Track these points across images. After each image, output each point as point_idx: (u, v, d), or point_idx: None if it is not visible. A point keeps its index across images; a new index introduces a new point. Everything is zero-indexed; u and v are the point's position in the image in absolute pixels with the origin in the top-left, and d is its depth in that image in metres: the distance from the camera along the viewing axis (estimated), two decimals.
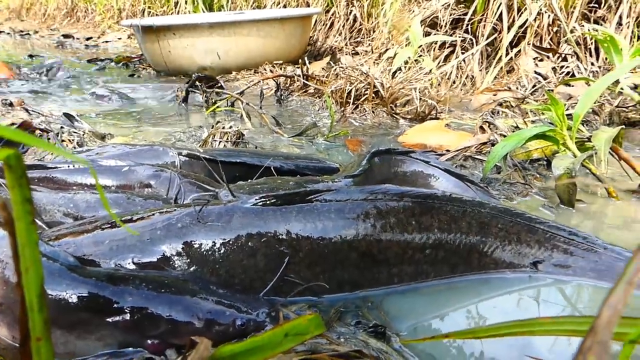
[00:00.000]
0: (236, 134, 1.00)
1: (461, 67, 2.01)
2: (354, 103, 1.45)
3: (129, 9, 4.27)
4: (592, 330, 0.22)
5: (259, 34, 2.15)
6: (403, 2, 2.38)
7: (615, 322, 0.22)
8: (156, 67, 2.39)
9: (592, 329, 0.22)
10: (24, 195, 0.21)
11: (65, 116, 1.14)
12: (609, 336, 0.22)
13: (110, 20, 4.54)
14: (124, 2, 4.46)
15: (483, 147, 1.03)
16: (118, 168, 0.73)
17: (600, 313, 0.22)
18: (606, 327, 0.22)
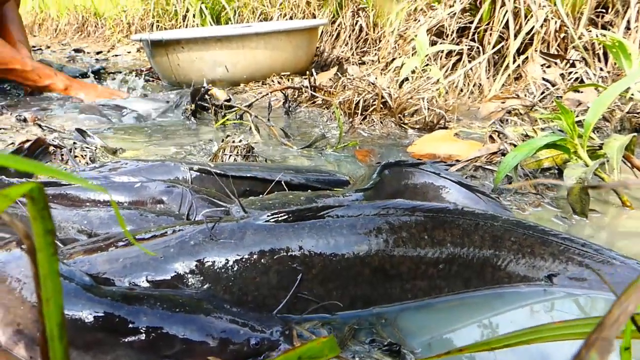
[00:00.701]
0: (246, 147, 1.00)
1: (468, 75, 2.01)
2: (362, 114, 1.45)
3: (138, 23, 4.32)
4: (599, 326, 0.23)
5: (266, 46, 2.17)
6: (408, 12, 2.39)
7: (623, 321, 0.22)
8: (165, 80, 2.41)
9: (599, 325, 0.23)
10: (46, 227, 0.22)
11: (77, 132, 1.15)
12: (615, 334, 0.22)
13: (119, 34, 4.59)
14: (133, 16, 4.51)
15: (493, 156, 1.03)
16: (131, 184, 0.74)
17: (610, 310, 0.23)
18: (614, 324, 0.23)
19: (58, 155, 0.97)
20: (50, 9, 5.68)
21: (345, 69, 2.09)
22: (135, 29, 4.38)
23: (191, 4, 3.64)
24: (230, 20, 3.61)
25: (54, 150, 0.98)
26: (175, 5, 3.74)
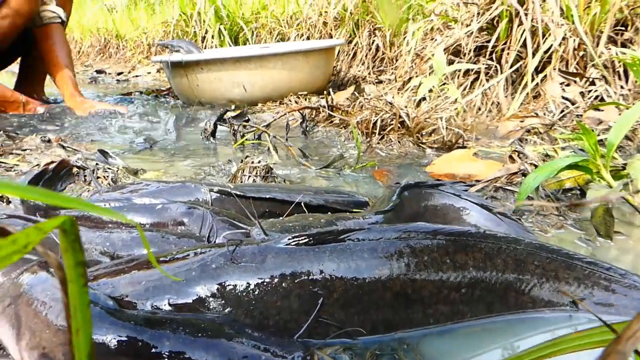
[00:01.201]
0: (265, 168, 1.01)
1: (486, 94, 2.01)
2: (380, 133, 1.45)
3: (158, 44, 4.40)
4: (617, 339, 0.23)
5: (284, 66, 2.19)
6: (425, 31, 2.40)
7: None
8: (185, 100, 2.44)
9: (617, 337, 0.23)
10: (77, 259, 0.22)
11: (100, 152, 1.18)
12: (631, 348, 0.22)
13: (140, 55, 4.69)
14: (153, 37, 4.61)
15: (513, 177, 1.02)
16: (152, 206, 0.74)
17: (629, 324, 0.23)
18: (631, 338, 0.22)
19: (81, 176, 0.99)
20: (74, 32, 5.84)
21: (363, 88, 2.10)
22: (155, 50, 4.47)
23: (210, 26, 3.71)
24: (248, 41, 3.67)
25: (77, 171, 1.00)
26: (195, 27, 3.81)
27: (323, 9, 3.10)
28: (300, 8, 3.34)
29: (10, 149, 1.30)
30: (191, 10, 3.93)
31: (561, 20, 1.86)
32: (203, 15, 3.72)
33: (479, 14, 2.08)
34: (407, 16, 2.76)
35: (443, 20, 2.30)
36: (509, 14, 1.94)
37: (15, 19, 1.87)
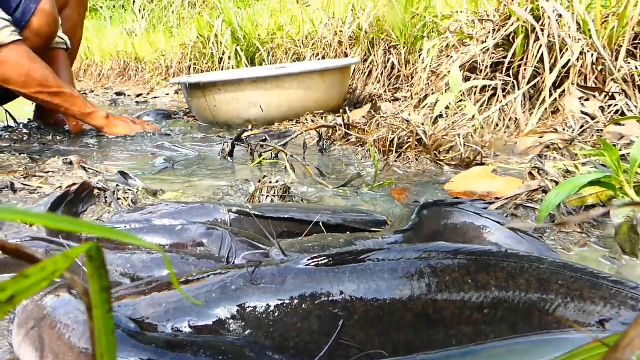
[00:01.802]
0: (282, 187, 1.01)
1: (504, 110, 1.99)
2: (397, 151, 1.45)
3: (176, 66, 4.49)
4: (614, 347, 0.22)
5: (300, 86, 2.21)
6: (440, 49, 2.41)
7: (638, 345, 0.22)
8: (202, 121, 2.48)
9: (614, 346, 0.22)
10: (102, 285, 0.22)
11: (120, 174, 1.19)
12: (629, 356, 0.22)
13: (158, 77, 4.78)
14: (171, 60, 4.70)
15: (534, 194, 1.01)
16: (171, 227, 0.75)
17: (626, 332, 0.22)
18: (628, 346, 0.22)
19: (102, 198, 1.00)
20: (95, 55, 5.99)
21: (379, 106, 2.11)
22: (173, 72, 4.55)
23: (227, 47, 3.77)
24: (264, 61, 3.72)
25: (98, 193, 1.01)
26: (212, 49, 3.88)
27: (338, 28, 3.13)
28: (316, 28, 3.38)
29: (34, 172, 1.33)
30: (208, 32, 4.00)
31: (578, 35, 1.85)
32: (220, 37, 3.79)
33: (495, 30, 2.08)
34: (422, 34, 2.78)
35: (458, 38, 2.30)
36: (524, 30, 1.94)
37: (36, 41, 1.93)
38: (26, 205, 0.96)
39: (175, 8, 6.79)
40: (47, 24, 1.93)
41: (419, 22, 2.73)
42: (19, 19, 1.86)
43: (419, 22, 2.73)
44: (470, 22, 2.36)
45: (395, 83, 2.83)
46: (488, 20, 2.14)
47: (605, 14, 1.88)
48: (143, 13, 7.10)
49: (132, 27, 6.92)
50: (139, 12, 7.03)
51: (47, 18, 1.92)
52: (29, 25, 1.88)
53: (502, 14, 2.11)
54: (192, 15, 6.44)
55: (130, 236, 0.25)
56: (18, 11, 1.86)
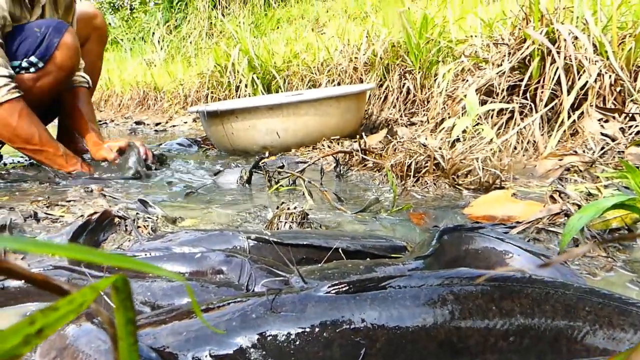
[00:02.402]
0: (301, 214, 1.01)
1: (521, 132, 1.98)
2: (415, 176, 1.45)
3: (194, 94, 4.57)
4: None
5: (316, 112, 2.23)
6: (456, 73, 2.42)
7: None
8: (220, 148, 2.51)
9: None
10: (128, 317, 0.22)
11: (140, 202, 1.21)
12: None
13: (177, 106, 4.87)
14: (189, 89, 4.79)
15: (556, 218, 0.99)
16: (191, 255, 0.75)
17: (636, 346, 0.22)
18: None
19: (122, 226, 1.01)
20: (115, 86, 6.14)
21: (395, 131, 2.11)
22: (191, 101, 4.63)
23: (244, 75, 3.83)
24: (280, 89, 3.77)
25: (118, 221, 1.02)
26: (229, 77, 3.95)
27: (353, 55, 3.17)
28: (331, 55, 3.42)
29: (56, 200, 1.35)
30: (225, 61, 4.08)
31: (595, 56, 1.84)
32: (237, 65, 3.86)
33: (510, 53, 2.08)
34: (437, 58, 2.79)
35: (474, 62, 2.31)
36: (540, 53, 1.94)
37: (59, 74, 1.99)
38: (49, 234, 0.97)
39: (193, 38, 6.96)
40: (69, 57, 1.99)
41: (434, 47, 2.75)
42: (43, 53, 1.92)
43: (434, 47, 2.75)
44: (485, 45, 2.37)
45: (411, 107, 2.84)
46: (503, 43, 2.14)
47: (621, 36, 1.87)
48: (162, 44, 7.28)
49: (152, 58, 7.09)
50: (158, 43, 7.22)
51: (69, 51, 1.98)
52: (53, 58, 1.94)
53: (517, 37, 2.12)
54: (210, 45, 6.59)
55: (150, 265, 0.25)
56: (42, 45, 1.92)
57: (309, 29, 5.89)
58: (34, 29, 1.93)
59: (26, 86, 1.94)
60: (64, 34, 1.95)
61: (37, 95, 1.99)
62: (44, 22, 1.98)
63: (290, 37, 5.70)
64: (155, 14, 7.91)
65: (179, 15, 7.48)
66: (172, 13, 7.63)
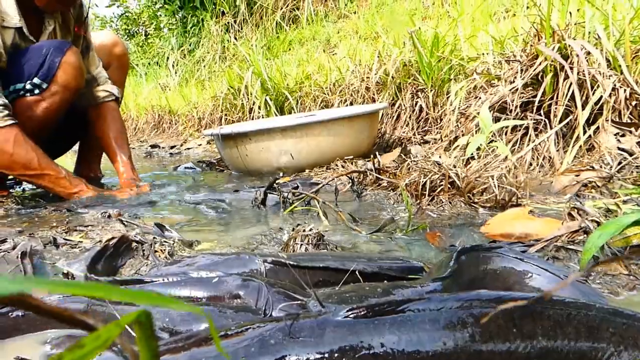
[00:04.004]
0: (316, 236, 1.01)
1: (537, 148, 1.97)
2: (430, 195, 1.44)
3: (207, 117, 4.63)
4: None
5: (329, 132, 2.24)
6: (468, 90, 2.42)
7: None
8: (234, 170, 2.52)
9: None
10: (152, 351, 0.22)
11: (156, 226, 1.22)
12: None
13: (191, 129, 4.93)
14: (203, 111, 4.85)
15: (575, 235, 0.98)
16: (208, 280, 0.76)
17: None
18: None
19: (140, 251, 1.02)
20: (131, 110, 6.24)
21: (409, 150, 2.11)
22: (205, 123, 4.69)
23: (257, 97, 3.88)
24: (293, 109, 3.80)
25: (136, 245, 1.03)
26: (242, 100, 3.99)
27: (365, 75, 3.19)
28: (343, 75, 3.45)
29: (74, 225, 1.36)
30: (239, 84, 4.13)
31: (609, 71, 1.83)
32: (250, 88, 3.91)
33: (522, 70, 2.08)
34: (449, 76, 2.80)
35: (486, 79, 2.31)
36: (553, 69, 1.94)
37: (64, 94, 1.99)
38: (68, 259, 0.99)
39: (207, 62, 7.07)
40: (73, 76, 1.96)
41: (446, 65, 2.76)
42: (46, 74, 1.92)
43: (446, 65, 2.76)
44: (497, 62, 2.38)
45: (424, 126, 2.84)
46: (515, 60, 2.15)
47: (634, 50, 1.87)
48: (176, 68, 7.41)
49: (166, 82, 7.21)
50: (172, 67, 7.35)
51: (72, 70, 1.96)
52: (55, 79, 1.93)
53: (528, 54, 2.12)
54: (223, 68, 6.68)
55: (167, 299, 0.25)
56: (44, 66, 1.91)
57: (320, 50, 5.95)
58: (37, 51, 1.93)
59: (32, 108, 1.95)
60: (66, 53, 1.94)
61: (44, 116, 1.99)
62: (47, 42, 1.97)
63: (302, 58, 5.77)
64: (169, 39, 8.07)
65: (192, 40, 7.63)
66: (186, 38, 7.78)
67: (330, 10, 6.79)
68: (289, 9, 7.02)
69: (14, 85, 1.95)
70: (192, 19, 7.63)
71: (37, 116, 1.99)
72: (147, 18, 8.89)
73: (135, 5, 9.66)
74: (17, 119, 1.87)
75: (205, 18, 7.40)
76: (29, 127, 1.93)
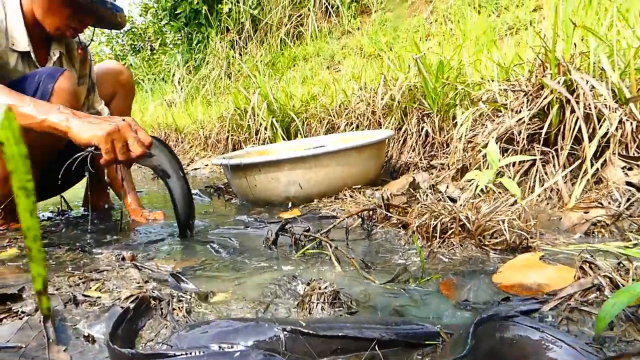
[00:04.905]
0: (332, 293, 1.03)
1: (544, 179, 1.98)
2: (441, 237, 1.45)
3: (214, 136, 4.66)
4: None
5: (337, 163, 2.26)
6: (474, 117, 2.44)
7: None
8: (243, 199, 2.54)
9: None
10: None
11: (172, 277, 1.23)
12: None
13: (197, 147, 4.97)
14: (210, 130, 4.88)
15: (588, 293, 0.99)
16: (230, 355, 0.77)
17: None
18: None
19: (158, 310, 1.04)
20: None
21: (417, 183, 2.12)
22: (211, 143, 4.72)
23: (263, 119, 3.91)
24: (299, 131, 3.82)
25: (154, 304, 1.05)
26: (249, 121, 4.02)
27: (371, 99, 3.21)
28: (348, 98, 3.47)
29: (90, 273, 1.39)
30: (245, 105, 4.17)
31: (614, 104, 1.85)
32: (257, 109, 3.94)
33: (528, 101, 2.10)
34: (454, 101, 2.82)
35: (492, 107, 2.33)
36: (559, 101, 1.95)
37: None
38: (88, 320, 1.00)
39: (212, 79, 7.12)
40: (67, 102, 1.87)
41: (451, 91, 2.78)
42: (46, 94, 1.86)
43: (451, 91, 2.78)
44: (502, 90, 2.39)
45: (430, 150, 2.86)
46: (520, 90, 2.16)
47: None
48: (182, 84, 7.47)
49: (172, 98, 7.26)
50: (178, 83, 7.40)
51: (66, 95, 1.89)
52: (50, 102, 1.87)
53: (534, 84, 2.14)
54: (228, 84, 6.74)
55: None
56: (37, 93, 1.86)
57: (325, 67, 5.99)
58: (31, 78, 1.89)
59: (30, 136, 1.93)
60: (58, 79, 1.87)
61: (43, 142, 1.91)
62: (41, 70, 1.92)
63: (306, 75, 5.80)
64: (175, 56, 8.14)
65: (198, 56, 7.69)
66: (191, 54, 7.84)
67: (333, 26, 6.84)
68: (293, 26, 7.07)
69: None
70: (198, 35, 7.69)
71: (37, 144, 1.96)
72: (152, 33, 8.97)
73: (141, 20, 9.75)
74: None
75: (210, 34, 7.47)
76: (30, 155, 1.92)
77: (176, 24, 7.89)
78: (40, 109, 1.62)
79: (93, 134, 1.55)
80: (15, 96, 1.66)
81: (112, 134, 1.56)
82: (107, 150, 1.56)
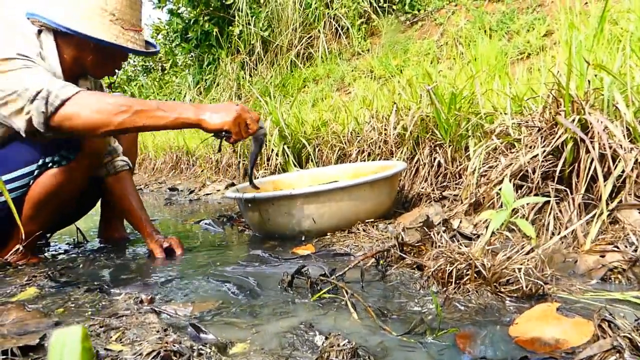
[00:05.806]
0: (350, 351, 1.03)
1: (558, 217, 1.98)
2: (456, 282, 1.46)
3: (225, 161, 4.70)
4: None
5: (350, 197, 2.28)
6: (488, 152, 2.44)
7: None
8: (256, 231, 2.56)
9: None
10: None
11: (192, 327, 1.25)
12: None
13: (209, 171, 5.01)
14: (221, 154, 4.93)
15: (607, 355, 0.99)
16: None
17: None
18: None
19: None
20: (149, 150, 6.35)
21: (431, 221, 2.13)
22: (222, 167, 4.76)
23: (275, 145, 3.94)
24: (310, 156, 3.85)
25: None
26: None
27: (382, 128, 3.24)
28: (360, 126, 3.50)
29: (108, 313, 1.40)
30: None
31: (629, 144, 1.85)
32: (269, 136, 3.97)
33: (542, 137, 2.10)
34: (467, 132, 2.83)
35: (505, 141, 2.34)
36: (573, 140, 1.96)
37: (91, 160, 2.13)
38: None
39: (223, 101, 7.19)
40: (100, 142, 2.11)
41: (463, 121, 2.79)
42: (73, 144, 2.04)
43: (463, 121, 2.79)
44: (515, 125, 2.40)
45: (443, 181, 2.86)
46: (534, 127, 2.17)
47: None
48: None
49: None
50: None
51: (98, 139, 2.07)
52: (82, 148, 2.06)
53: (547, 120, 2.15)
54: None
55: None
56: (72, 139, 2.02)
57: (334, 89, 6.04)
58: None
59: (63, 178, 2.04)
60: None
61: (73, 184, 2.10)
62: None
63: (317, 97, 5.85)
64: (185, 77, 8.25)
65: (209, 77, 7.78)
66: (202, 75, 7.94)
67: (343, 48, 6.90)
68: (303, 47, 7.15)
69: (44, 158, 2.02)
70: (208, 56, 7.80)
71: (68, 184, 2.07)
72: (163, 54, 9.10)
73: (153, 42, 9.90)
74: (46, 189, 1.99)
75: (221, 56, 7.56)
76: (60, 195, 2.04)
77: (187, 46, 8.01)
78: (167, 108, 1.78)
79: (224, 121, 1.80)
80: (143, 101, 1.80)
81: (237, 118, 1.83)
82: (237, 132, 1.86)
